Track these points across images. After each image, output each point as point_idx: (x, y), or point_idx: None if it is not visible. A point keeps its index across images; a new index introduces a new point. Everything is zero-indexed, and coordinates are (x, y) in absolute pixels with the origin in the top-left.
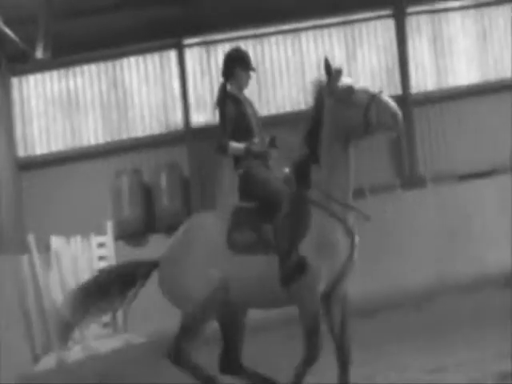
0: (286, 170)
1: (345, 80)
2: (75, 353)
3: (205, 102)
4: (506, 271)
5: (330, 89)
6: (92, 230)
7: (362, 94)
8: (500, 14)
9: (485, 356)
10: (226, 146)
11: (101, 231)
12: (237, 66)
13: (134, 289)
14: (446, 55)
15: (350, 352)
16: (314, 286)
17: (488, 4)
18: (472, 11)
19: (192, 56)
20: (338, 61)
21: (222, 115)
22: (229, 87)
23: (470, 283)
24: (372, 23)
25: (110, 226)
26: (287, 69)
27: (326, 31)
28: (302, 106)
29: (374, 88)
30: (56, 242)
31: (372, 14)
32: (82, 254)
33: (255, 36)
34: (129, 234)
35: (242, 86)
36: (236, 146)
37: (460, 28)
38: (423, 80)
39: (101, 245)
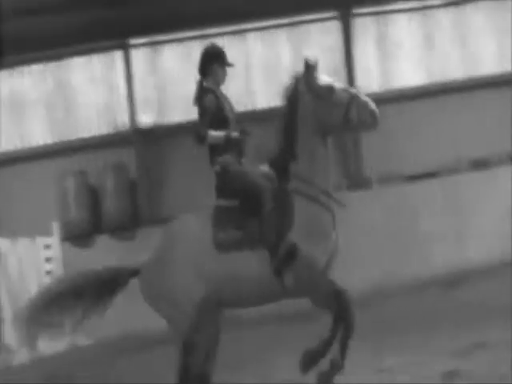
0: (262, 166)
1: (324, 78)
2: (20, 355)
3: (152, 102)
4: (453, 271)
5: (310, 86)
6: (38, 232)
7: (343, 93)
8: (445, 16)
9: (431, 356)
10: (204, 135)
11: (47, 232)
12: (214, 62)
13: (110, 296)
14: (391, 57)
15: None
16: (312, 269)
17: (433, 6)
18: (417, 13)
19: (138, 57)
20: (284, 62)
21: (201, 108)
22: (206, 83)
23: (416, 283)
24: (318, 25)
25: (56, 227)
26: (233, 70)
27: (272, 32)
28: (248, 107)
29: None
30: (1, 243)
31: (319, 16)
32: (28, 256)
33: (201, 37)
34: (75, 236)
35: (219, 82)
36: (215, 134)
37: (405, 30)
38: (368, 81)
39: (47, 246)
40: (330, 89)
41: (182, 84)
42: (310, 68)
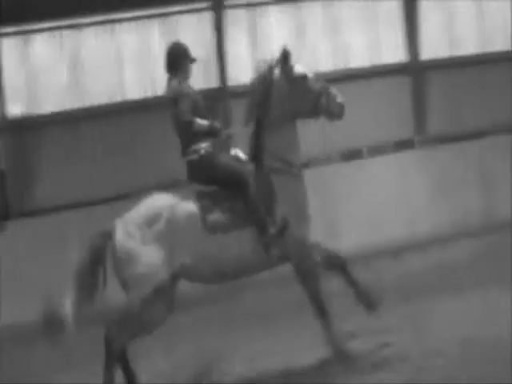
0: (233, 150)
1: (298, 67)
2: None
3: (21, 93)
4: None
5: (286, 72)
6: None
7: (315, 83)
8: (316, 8)
9: (305, 343)
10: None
11: None
12: (183, 59)
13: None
14: (262, 48)
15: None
16: (298, 240)
17: None
18: (288, 5)
19: (8, 46)
20: (155, 53)
21: (180, 100)
22: (178, 83)
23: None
24: (190, 16)
25: None
26: (104, 60)
27: (144, 22)
28: (119, 98)
29: (191, 81)
30: None
31: (190, 7)
32: None
33: (72, 26)
34: None
35: (188, 78)
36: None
37: (276, 22)
38: (240, 72)
39: None
40: (303, 77)
41: (54, 74)
42: (286, 55)
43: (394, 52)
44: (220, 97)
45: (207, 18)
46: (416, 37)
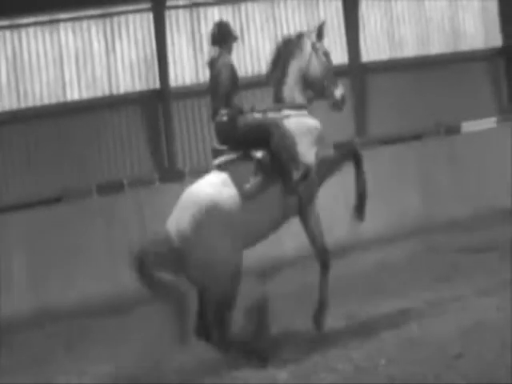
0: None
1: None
2: None
3: None
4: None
5: (316, 44)
6: None
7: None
8: (257, 9)
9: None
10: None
11: None
12: (230, 36)
13: None
14: (204, 50)
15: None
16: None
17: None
18: (229, 6)
19: None
20: (96, 53)
21: (224, 70)
22: (224, 57)
23: None
24: (131, 16)
25: None
26: (45, 61)
27: (85, 23)
28: (61, 99)
29: (133, 82)
30: None
31: (131, 7)
32: None
33: (12, 26)
34: None
35: (231, 53)
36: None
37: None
38: (182, 74)
39: None
40: (328, 54)
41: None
42: (321, 30)
43: (334, 54)
44: (162, 98)
45: (148, 18)
46: (357, 39)
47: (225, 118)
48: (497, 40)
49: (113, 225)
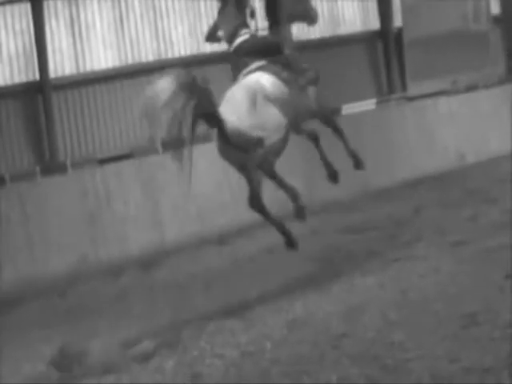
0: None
1: None
2: None
3: None
4: (148, 253)
5: None
6: None
7: None
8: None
9: (129, 336)
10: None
11: None
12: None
13: None
14: (83, 40)
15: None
16: None
17: None
18: None
19: None
20: None
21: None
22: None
23: (113, 267)
24: (8, 7)
25: None
26: None
27: None
28: None
29: (11, 74)
30: None
31: None
32: None
33: None
34: None
35: None
36: None
37: (97, 13)
38: (61, 64)
39: None
40: None
41: None
42: None
43: None
44: (41, 89)
45: (26, 9)
46: None
47: (247, 36)
48: (375, 23)
49: None
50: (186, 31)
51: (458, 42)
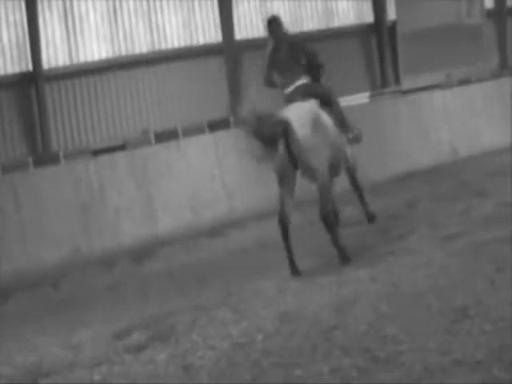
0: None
1: None
2: None
3: None
4: (141, 244)
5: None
6: None
7: None
8: None
9: (121, 327)
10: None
11: None
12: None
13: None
14: (76, 31)
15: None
16: None
17: None
18: None
19: None
20: None
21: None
22: None
23: (106, 257)
24: (2, 0)
25: None
26: None
27: None
28: None
29: (5, 65)
30: None
31: None
32: None
33: None
34: None
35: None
36: None
37: (90, 4)
38: (55, 56)
39: None
40: None
41: None
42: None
43: (208, 32)
44: (34, 80)
45: (20, 1)
46: (230, 17)
47: (302, 82)
48: (369, 16)
49: None
50: (179, 23)
51: (451, 35)
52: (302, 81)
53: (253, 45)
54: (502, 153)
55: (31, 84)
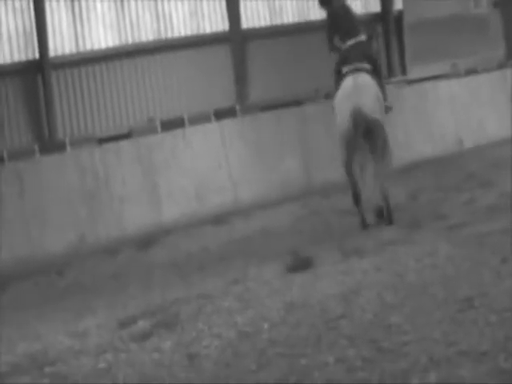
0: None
1: None
2: None
3: None
4: (145, 232)
5: None
6: None
7: None
8: None
9: (126, 315)
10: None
11: None
12: None
13: None
14: (83, 19)
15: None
16: None
17: None
18: None
19: None
20: None
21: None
22: None
23: (110, 245)
24: None
25: None
26: None
27: None
28: None
29: (11, 53)
30: None
31: None
32: None
33: None
34: None
35: None
36: None
37: None
38: (61, 44)
39: None
40: None
41: None
42: None
43: (215, 21)
44: (41, 68)
45: None
46: (237, 6)
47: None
48: (376, 6)
49: None
50: (186, 11)
51: (458, 25)
52: (359, 38)
53: (259, 34)
54: (508, 144)
55: (37, 72)
